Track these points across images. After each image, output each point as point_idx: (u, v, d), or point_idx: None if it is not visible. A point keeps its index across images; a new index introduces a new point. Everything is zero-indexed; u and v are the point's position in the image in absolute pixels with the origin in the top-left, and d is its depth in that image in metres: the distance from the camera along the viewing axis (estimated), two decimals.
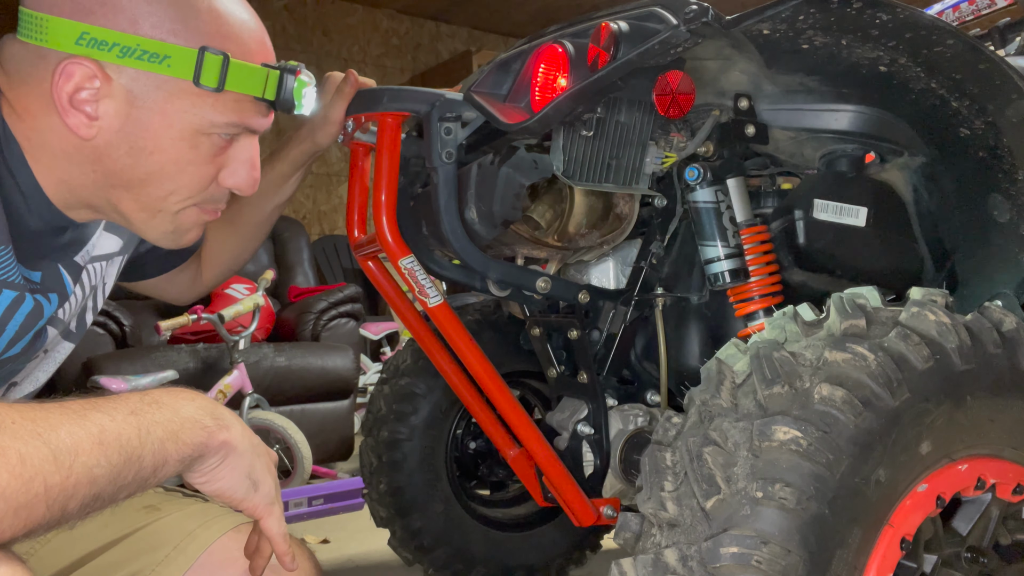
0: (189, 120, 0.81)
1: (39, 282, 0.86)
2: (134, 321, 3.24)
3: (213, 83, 0.80)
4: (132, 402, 0.63)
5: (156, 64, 0.78)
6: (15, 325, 0.83)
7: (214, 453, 0.68)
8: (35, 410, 0.57)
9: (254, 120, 0.86)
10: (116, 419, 0.60)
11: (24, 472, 0.54)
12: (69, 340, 0.97)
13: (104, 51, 0.77)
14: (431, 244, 1.30)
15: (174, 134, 0.81)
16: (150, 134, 0.80)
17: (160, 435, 0.63)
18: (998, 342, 0.90)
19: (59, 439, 0.56)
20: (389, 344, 4.45)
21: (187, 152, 0.82)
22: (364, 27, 5.86)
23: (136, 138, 0.80)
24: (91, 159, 0.81)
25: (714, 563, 0.75)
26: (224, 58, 0.80)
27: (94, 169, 0.81)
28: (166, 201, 0.83)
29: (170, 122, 0.80)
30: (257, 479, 0.72)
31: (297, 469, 2.88)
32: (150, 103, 0.80)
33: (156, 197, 0.82)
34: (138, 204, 0.83)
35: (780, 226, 1.17)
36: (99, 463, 0.58)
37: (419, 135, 1.30)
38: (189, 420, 0.66)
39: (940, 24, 0.94)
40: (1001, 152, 1.05)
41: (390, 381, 1.75)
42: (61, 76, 0.77)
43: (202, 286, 1.25)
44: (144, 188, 0.82)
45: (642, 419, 1.28)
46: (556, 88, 0.98)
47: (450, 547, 1.71)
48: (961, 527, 0.93)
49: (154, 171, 0.81)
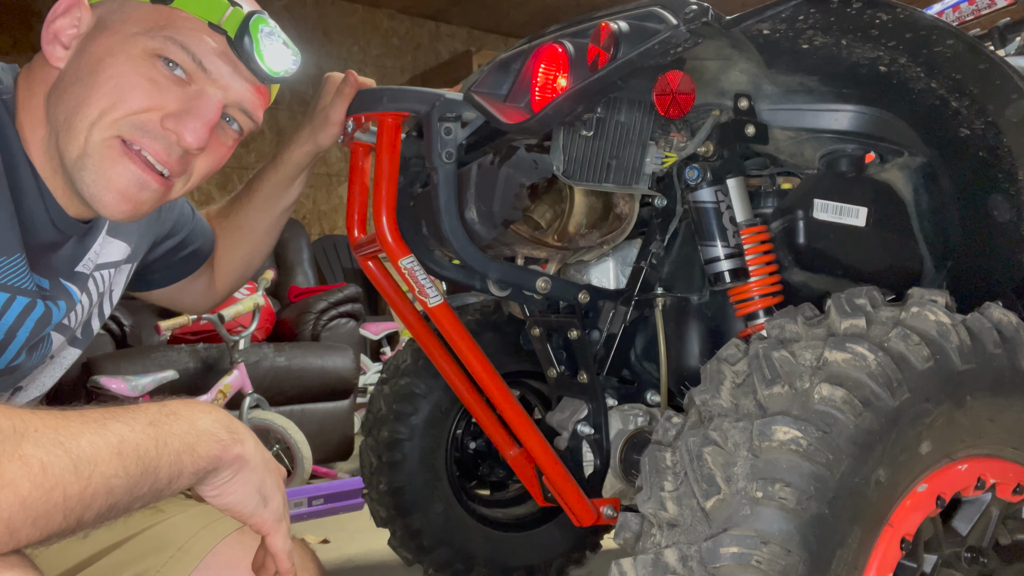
0: (136, 34, 0.80)
1: (48, 289, 0.87)
2: (134, 321, 3.24)
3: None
4: (151, 413, 0.63)
5: None
6: (25, 331, 0.83)
7: (228, 467, 0.68)
8: (56, 418, 0.57)
9: (208, 56, 0.83)
10: (135, 429, 0.60)
11: (45, 482, 0.53)
12: (75, 346, 0.98)
13: None
14: (431, 244, 1.30)
15: (118, 49, 0.80)
16: (98, 50, 0.80)
17: (177, 447, 0.63)
18: (998, 342, 0.90)
19: (80, 448, 0.56)
20: (389, 344, 4.45)
21: (125, 66, 0.80)
22: (364, 27, 5.86)
23: (86, 54, 0.81)
24: (56, 97, 0.81)
25: (714, 563, 0.75)
26: None
27: (56, 105, 0.81)
28: (95, 125, 0.80)
29: (119, 38, 0.80)
30: (267, 495, 0.72)
31: (297, 469, 2.88)
32: (111, 24, 0.81)
33: (87, 119, 0.79)
34: (69, 132, 0.80)
35: (780, 226, 1.17)
36: (117, 473, 0.58)
37: (419, 135, 1.30)
38: (205, 433, 0.66)
39: (940, 24, 0.94)
40: (1001, 152, 1.05)
41: (390, 381, 1.75)
42: (55, 11, 0.81)
43: (216, 295, 1.26)
44: (77, 109, 0.80)
45: (642, 419, 1.28)
46: (556, 88, 0.97)
47: (450, 547, 1.71)
48: (961, 527, 0.93)
49: (90, 87, 0.80)
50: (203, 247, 1.20)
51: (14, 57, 5.06)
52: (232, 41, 0.84)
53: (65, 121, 0.80)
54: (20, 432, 0.54)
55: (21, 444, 0.53)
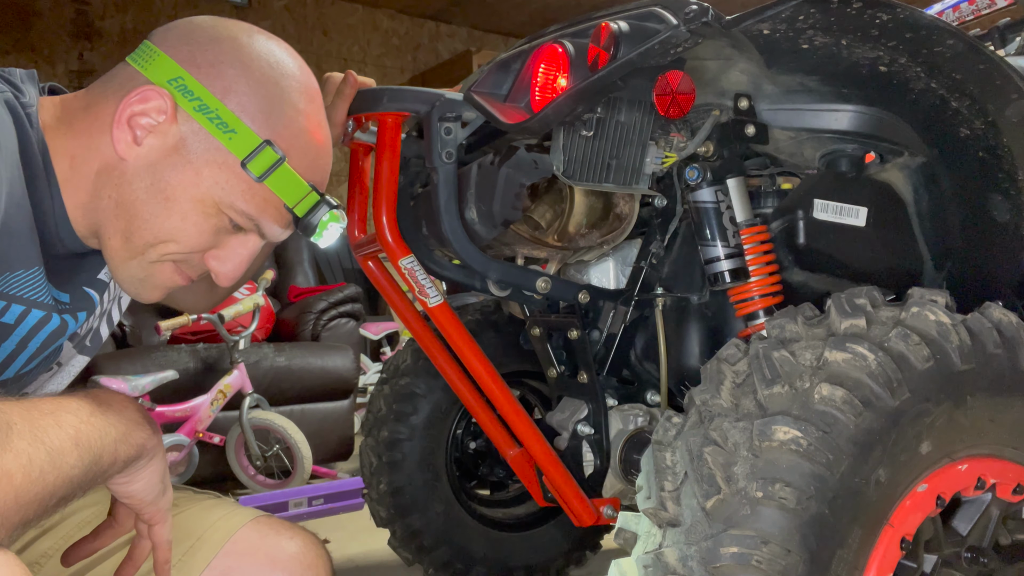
0: (216, 190, 0.82)
1: (68, 303, 0.88)
2: (134, 321, 3.25)
3: (257, 172, 0.82)
4: (90, 403, 0.66)
5: (221, 131, 0.81)
6: (37, 343, 0.85)
7: (147, 455, 0.72)
8: (26, 409, 0.60)
9: (271, 225, 0.87)
10: (83, 420, 0.64)
11: (31, 473, 0.57)
12: (84, 354, 0.99)
13: (187, 98, 0.81)
14: (431, 244, 1.30)
15: (195, 193, 0.82)
16: (175, 182, 0.82)
17: (114, 436, 0.67)
18: (998, 342, 0.90)
19: (51, 441, 0.59)
20: (389, 344, 4.44)
21: (197, 215, 0.83)
22: (364, 27, 5.86)
23: (161, 178, 0.82)
24: (114, 182, 0.82)
25: (714, 563, 0.75)
26: (280, 159, 0.83)
27: (110, 194, 0.82)
28: (152, 247, 0.83)
29: (199, 182, 0.82)
30: (166, 484, 0.76)
31: (297, 469, 2.88)
32: (192, 157, 0.82)
33: (145, 240, 0.83)
34: (126, 241, 0.83)
35: (780, 226, 1.17)
36: (75, 464, 0.61)
37: (419, 135, 1.30)
38: (133, 422, 0.70)
39: (940, 24, 0.94)
40: (1001, 152, 1.05)
41: (390, 381, 1.75)
42: (137, 95, 0.80)
43: (217, 295, 1.27)
44: (140, 227, 0.83)
45: (642, 419, 1.28)
46: (556, 88, 0.97)
47: (450, 547, 1.71)
48: (961, 527, 0.93)
49: (159, 216, 0.82)
50: None
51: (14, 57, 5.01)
52: (298, 221, 0.88)
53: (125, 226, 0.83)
54: (8, 425, 0.57)
55: (11, 437, 0.56)
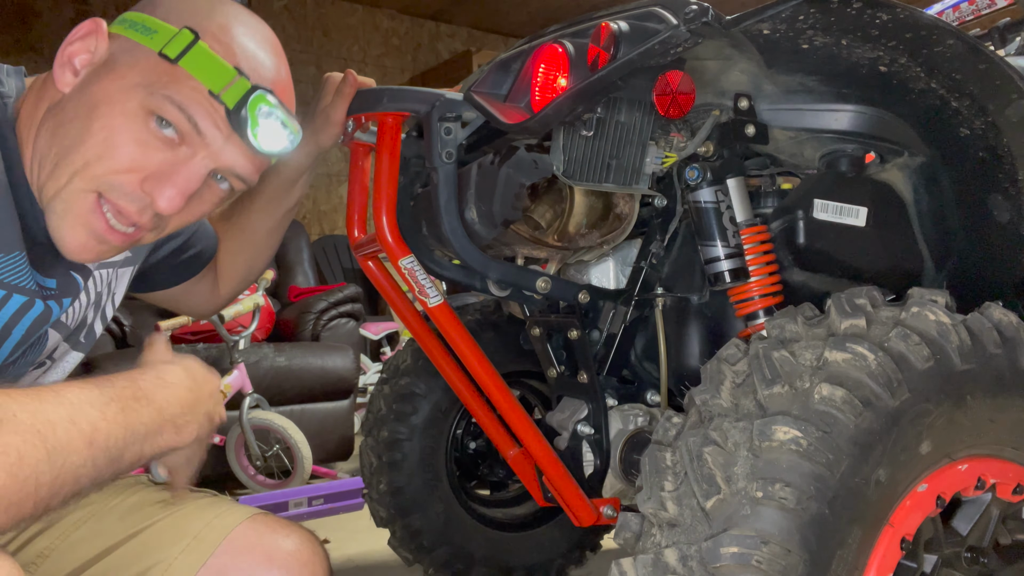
0: (140, 92, 0.80)
1: (54, 288, 0.87)
2: (134, 321, 3.24)
3: (172, 54, 0.80)
4: (124, 397, 0.66)
5: (143, 35, 0.81)
6: (21, 329, 0.83)
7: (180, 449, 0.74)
8: (36, 401, 0.59)
9: (206, 123, 0.82)
10: (107, 417, 0.63)
11: (21, 472, 0.56)
12: (78, 350, 0.98)
13: (120, 25, 0.82)
14: (431, 244, 1.30)
15: (118, 96, 0.80)
16: (98, 89, 0.80)
17: (142, 434, 0.67)
18: (998, 342, 0.90)
19: (56, 438, 0.58)
20: (389, 344, 4.45)
21: (120, 117, 0.79)
22: (364, 27, 5.86)
23: (87, 92, 0.80)
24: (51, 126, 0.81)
25: (714, 563, 0.75)
26: (194, 38, 0.80)
27: (48, 134, 0.81)
28: (77, 174, 0.79)
29: (122, 84, 0.80)
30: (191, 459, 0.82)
31: (297, 469, 2.88)
32: (117, 66, 0.81)
33: (72, 165, 0.79)
34: (53, 171, 0.80)
35: (780, 226, 1.17)
36: (86, 463, 0.61)
37: (419, 135, 1.30)
38: (169, 422, 0.70)
39: (940, 24, 0.94)
40: (1001, 152, 1.05)
41: (390, 381, 1.75)
42: (74, 33, 0.80)
43: (220, 299, 1.27)
44: (68, 152, 0.79)
45: (642, 419, 1.28)
46: (556, 88, 0.97)
47: (450, 547, 1.71)
48: (961, 527, 0.93)
49: (84, 132, 0.79)
50: (206, 249, 1.20)
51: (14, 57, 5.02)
52: (229, 113, 0.84)
53: (53, 157, 0.80)
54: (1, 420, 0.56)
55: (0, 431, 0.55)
